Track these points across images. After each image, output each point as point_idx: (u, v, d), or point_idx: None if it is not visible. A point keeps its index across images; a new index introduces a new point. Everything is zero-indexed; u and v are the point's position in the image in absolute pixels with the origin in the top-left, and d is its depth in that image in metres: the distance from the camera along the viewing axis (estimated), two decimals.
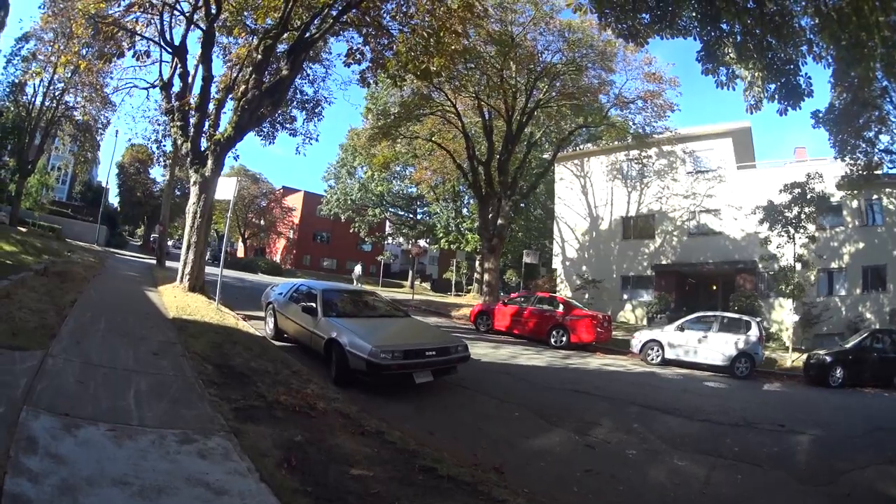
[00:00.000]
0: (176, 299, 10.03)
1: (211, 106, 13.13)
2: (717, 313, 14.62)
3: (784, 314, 20.61)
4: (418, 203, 43.42)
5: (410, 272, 44.88)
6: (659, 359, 13.16)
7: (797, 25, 7.57)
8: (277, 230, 52.76)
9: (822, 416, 9.10)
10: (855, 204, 21.29)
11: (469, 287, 40.63)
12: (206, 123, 12.73)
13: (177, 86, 13.63)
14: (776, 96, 8.26)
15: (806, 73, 7.67)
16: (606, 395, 8.57)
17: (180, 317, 8.09)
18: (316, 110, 18.28)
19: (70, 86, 23.76)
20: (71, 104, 25.88)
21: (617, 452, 5.58)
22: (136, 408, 3.88)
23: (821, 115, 16.41)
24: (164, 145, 21.69)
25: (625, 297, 26.94)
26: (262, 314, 9.82)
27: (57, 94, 24.73)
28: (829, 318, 19.96)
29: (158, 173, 41.25)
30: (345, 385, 6.38)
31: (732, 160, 24.21)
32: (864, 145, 17.30)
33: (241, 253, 51.01)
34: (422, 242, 39.50)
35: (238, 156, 18.40)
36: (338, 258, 53.77)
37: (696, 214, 25.40)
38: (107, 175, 41.26)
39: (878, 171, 17.95)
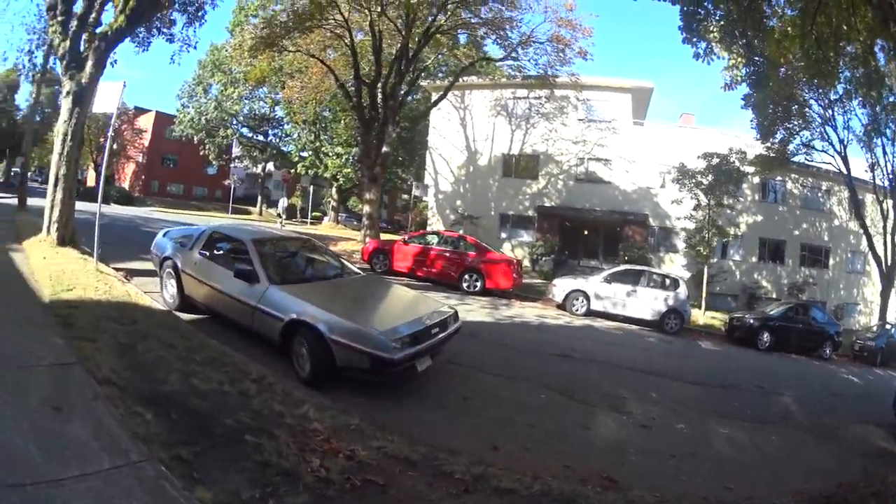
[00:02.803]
0: (46, 262, 7.87)
1: None
2: (644, 268, 15.26)
3: (676, 269, 23.05)
4: (269, 125, 41.53)
5: (259, 198, 43.54)
6: (584, 310, 13.19)
7: (768, 26, 8.10)
8: (128, 154, 48.16)
9: (784, 379, 10.44)
10: (756, 180, 23.91)
11: (316, 214, 40.86)
12: (92, 15, 9.73)
13: None
14: (745, 81, 9.00)
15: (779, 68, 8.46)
16: (587, 357, 8.51)
17: (59, 297, 5.95)
18: (199, 14, 15.59)
19: None
20: None
21: (669, 428, 5.90)
22: None
23: (752, 98, 17.01)
24: (36, 56, 18.39)
25: (503, 235, 26.52)
26: (143, 265, 8.12)
27: None
28: (723, 280, 22.72)
29: (24, 99, 37.15)
30: (320, 386, 4.79)
31: (630, 115, 25.01)
32: (782, 134, 19.73)
33: (90, 181, 45.17)
34: (270, 167, 38.74)
35: (116, 60, 14.69)
36: (185, 183, 50.86)
37: (585, 161, 25.84)
38: None
39: (795, 159, 20.71)
